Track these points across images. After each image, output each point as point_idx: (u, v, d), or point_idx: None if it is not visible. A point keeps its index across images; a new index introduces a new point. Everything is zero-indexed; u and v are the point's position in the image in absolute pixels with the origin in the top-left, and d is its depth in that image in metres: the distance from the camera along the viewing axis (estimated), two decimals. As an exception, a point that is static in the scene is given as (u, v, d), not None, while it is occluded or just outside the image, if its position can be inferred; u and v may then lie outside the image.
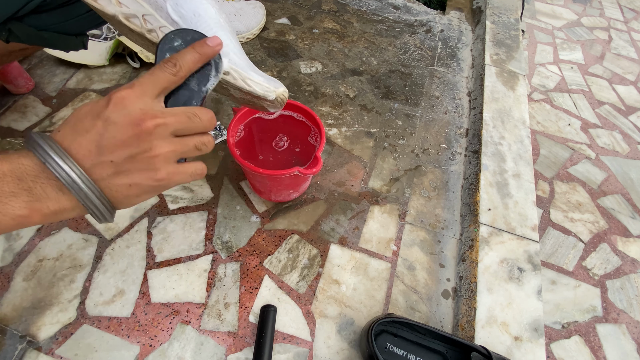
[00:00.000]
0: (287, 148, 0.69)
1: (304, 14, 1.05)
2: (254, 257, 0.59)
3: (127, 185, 0.27)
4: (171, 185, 0.29)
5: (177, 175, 0.29)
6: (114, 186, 0.27)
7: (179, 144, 0.29)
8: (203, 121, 0.30)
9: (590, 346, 0.63)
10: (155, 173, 0.27)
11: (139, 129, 0.26)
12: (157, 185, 0.28)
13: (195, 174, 0.31)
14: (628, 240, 0.77)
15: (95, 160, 0.26)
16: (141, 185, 0.27)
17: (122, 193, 0.27)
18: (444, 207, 0.69)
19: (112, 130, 0.26)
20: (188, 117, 0.29)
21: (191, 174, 0.31)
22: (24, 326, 0.50)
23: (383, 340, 0.50)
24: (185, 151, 0.29)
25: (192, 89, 0.32)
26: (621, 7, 1.49)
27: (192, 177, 0.31)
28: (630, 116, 1.04)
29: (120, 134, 0.26)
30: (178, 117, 0.28)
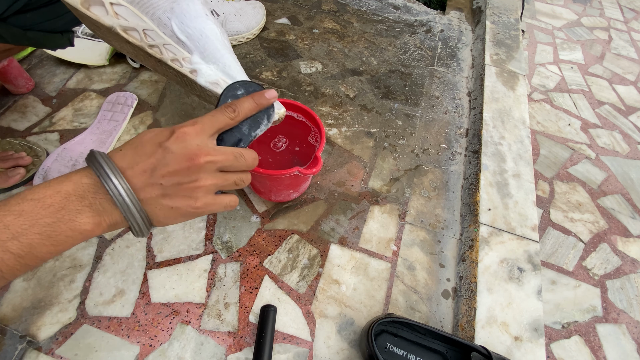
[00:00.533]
0: (286, 148, 0.69)
1: (304, 14, 1.05)
2: (254, 257, 0.59)
3: (169, 208, 0.30)
4: (205, 213, 0.33)
5: (212, 206, 0.33)
6: (159, 205, 0.30)
7: (221, 178, 0.32)
8: (247, 161, 0.34)
9: (590, 346, 0.63)
10: (195, 202, 0.31)
11: (192, 162, 0.30)
12: (193, 212, 0.32)
13: (229, 206, 0.34)
14: (628, 240, 0.77)
15: (148, 180, 0.29)
16: (180, 210, 0.31)
17: (163, 213, 0.31)
18: (444, 207, 0.69)
19: (169, 159, 0.29)
20: (235, 157, 0.33)
21: (224, 206, 0.34)
22: (24, 326, 0.50)
23: (383, 340, 0.50)
24: (225, 185, 0.33)
25: (244, 132, 0.36)
26: (621, 7, 1.49)
27: (225, 208, 0.34)
28: (630, 116, 1.04)
29: (175, 163, 0.29)
30: (227, 156, 0.32)
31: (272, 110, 0.38)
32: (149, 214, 0.30)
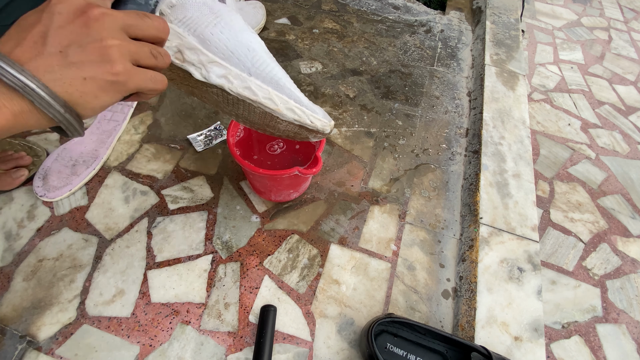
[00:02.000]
0: (286, 149, 0.69)
1: (304, 14, 1.05)
2: (254, 257, 0.59)
3: (81, 79, 0.25)
4: (130, 84, 0.27)
5: (136, 75, 0.27)
6: (67, 79, 0.24)
7: (132, 43, 0.27)
8: (154, 23, 0.28)
9: (590, 346, 0.63)
10: (111, 66, 0.25)
11: (86, 16, 0.25)
12: (114, 81, 0.26)
13: (156, 80, 0.29)
14: (628, 240, 0.77)
15: (41, 50, 0.24)
16: (97, 80, 0.25)
17: (77, 88, 0.25)
18: (444, 207, 0.69)
19: (57, 20, 0.24)
20: (138, 15, 0.27)
21: (151, 78, 0.28)
22: (24, 326, 0.50)
23: (383, 340, 0.50)
24: (139, 52, 0.27)
25: (139, 2, 0.30)
26: (621, 7, 1.49)
27: (153, 83, 0.28)
28: (630, 116, 1.04)
29: (66, 22, 0.25)
30: (127, 13, 0.27)
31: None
32: (62, 95, 0.25)
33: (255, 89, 0.38)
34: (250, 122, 0.44)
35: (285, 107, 0.40)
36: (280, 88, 0.40)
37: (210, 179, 0.67)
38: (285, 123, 0.41)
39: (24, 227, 0.58)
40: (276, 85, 0.39)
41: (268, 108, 0.39)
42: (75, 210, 0.61)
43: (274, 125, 0.42)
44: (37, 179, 0.61)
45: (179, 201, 0.63)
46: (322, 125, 0.42)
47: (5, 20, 0.45)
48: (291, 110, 0.40)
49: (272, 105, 0.39)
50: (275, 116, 0.40)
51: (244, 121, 0.44)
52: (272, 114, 0.40)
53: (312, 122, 0.41)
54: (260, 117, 0.41)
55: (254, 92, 0.38)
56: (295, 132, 0.44)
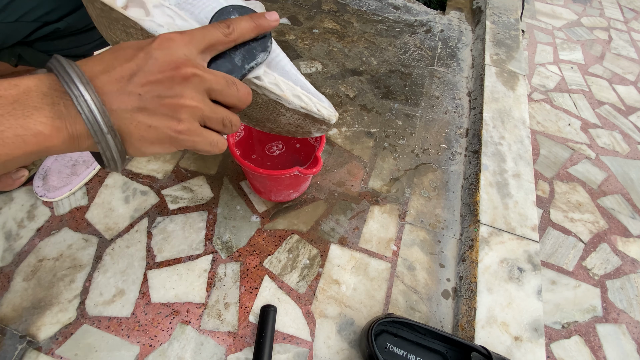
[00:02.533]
0: (286, 150, 0.69)
1: (304, 14, 1.05)
2: (254, 257, 0.59)
3: (146, 126, 0.26)
4: (187, 143, 0.27)
5: (196, 136, 0.28)
6: (134, 122, 0.25)
7: (209, 106, 0.27)
8: (240, 92, 0.29)
9: (590, 346, 0.63)
10: (178, 123, 0.26)
11: (177, 71, 0.26)
12: (174, 137, 0.27)
13: (215, 145, 0.29)
14: (628, 240, 0.77)
15: (124, 88, 0.25)
16: (159, 131, 0.26)
17: (139, 132, 0.26)
18: (444, 207, 0.69)
19: (150, 65, 0.25)
20: (226, 82, 0.28)
21: (211, 143, 0.29)
22: (24, 326, 0.50)
23: (383, 340, 0.50)
24: (212, 118, 0.28)
25: (236, 63, 0.31)
26: (621, 7, 1.49)
27: (211, 147, 0.29)
28: (630, 116, 1.04)
29: (158, 69, 0.25)
30: (217, 78, 0.27)
31: (270, 41, 0.33)
32: (122, 131, 0.25)
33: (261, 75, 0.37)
34: (250, 117, 0.43)
35: (292, 93, 0.39)
36: (286, 74, 0.39)
37: (210, 179, 0.67)
38: (289, 114, 0.40)
39: (24, 227, 0.58)
40: (282, 71, 0.38)
41: (274, 94, 0.38)
42: (75, 210, 0.61)
43: (275, 118, 0.41)
44: (37, 179, 0.61)
45: (179, 201, 0.63)
46: (328, 114, 0.42)
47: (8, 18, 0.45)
48: (298, 97, 0.39)
49: (278, 91, 0.38)
50: (279, 107, 0.39)
51: (242, 116, 0.44)
52: (278, 101, 0.39)
53: (318, 109, 0.40)
54: (262, 109, 0.40)
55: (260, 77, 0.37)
56: (298, 126, 0.43)
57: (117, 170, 0.28)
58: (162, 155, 0.69)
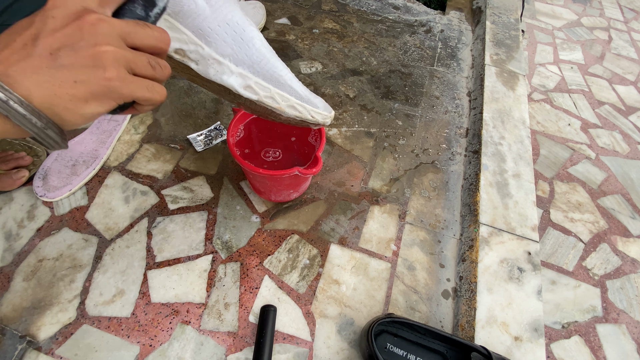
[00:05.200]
0: (286, 148, 0.69)
1: (304, 14, 1.05)
2: (254, 257, 0.59)
3: (71, 82, 0.23)
4: (124, 91, 0.25)
5: (130, 82, 0.25)
6: (57, 81, 0.23)
7: (129, 51, 0.25)
8: (154, 33, 0.26)
9: (590, 346, 0.63)
10: (104, 71, 0.24)
11: (82, 20, 0.23)
12: (106, 87, 0.24)
13: (153, 89, 0.27)
14: (628, 240, 0.77)
15: (30, 52, 0.22)
16: (88, 84, 0.23)
17: (66, 91, 0.23)
18: (444, 207, 0.69)
19: (50, 23, 0.23)
20: (136, 23, 0.26)
21: (147, 87, 0.26)
22: (24, 326, 0.50)
23: (383, 340, 0.50)
24: (137, 62, 0.25)
25: (139, 14, 0.28)
26: (621, 7, 1.49)
27: (150, 92, 0.27)
28: (630, 116, 1.04)
29: (61, 25, 0.23)
30: (125, 21, 0.25)
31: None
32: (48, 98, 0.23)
33: (256, 88, 0.38)
34: (253, 110, 0.44)
35: (287, 104, 0.40)
36: (282, 85, 0.40)
37: (210, 179, 0.67)
38: (286, 116, 0.42)
39: (24, 227, 0.58)
40: (277, 83, 0.39)
41: (269, 106, 0.39)
42: (75, 210, 0.61)
43: (276, 115, 0.43)
44: (37, 179, 0.61)
45: (179, 201, 0.63)
46: (322, 118, 0.44)
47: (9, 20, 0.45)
48: (292, 107, 0.40)
49: (274, 104, 0.39)
50: (277, 112, 0.41)
51: (246, 109, 0.45)
52: (274, 111, 0.40)
53: (312, 116, 0.42)
54: (263, 109, 0.42)
55: (255, 91, 0.38)
56: (297, 123, 0.45)
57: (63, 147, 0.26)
58: (162, 155, 0.69)
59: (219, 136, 0.72)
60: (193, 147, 0.71)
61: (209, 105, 0.78)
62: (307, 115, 0.42)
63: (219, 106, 0.79)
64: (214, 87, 0.40)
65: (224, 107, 0.78)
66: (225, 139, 0.72)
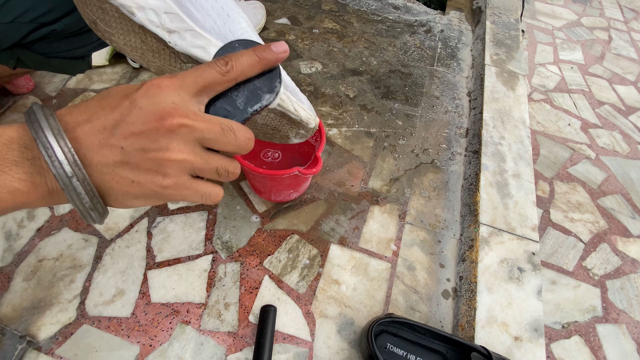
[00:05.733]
0: (286, 148, 0.69)
1: (304, 14, 1.05)
2: (254, 257, 0.59)
3: (129, 181, 0.24)
4: (176, 198, 0.25)
5: (185, 190, 0.25)
6: (116, 177, 0.23)
7: (200, 157, 0.25)
8: (238, 139, 0.26)
9: (590, 346, 0.63)
10: (163, 178, 0.24)
11: (163, 122, 0.23)
12: (160, 193, 0.24)
13: (208, 197, 0.27)
14: (628, 240, 0.77)
15: (105, 140, 0.23)
16: (143, 186, 0.24)
17: (121, 187, 0.24)
18: (444, 207, 0.69)
19: (134, 115, 0.23)
20: (222, 129, 0.25)
21: (203, 195, 0.26)
22: (24, 326, 0.50)
23: (383, 340, 0.50)
24: (203, 169, 0.25)
25: (237, 106, 0.27)
26: (621, 7, 1.49)
27: (203, 199, 0.26)
28: (630, 116, 1.04)
29: (142, 121, 0.23)
30: (210, 125, 0.24)
31: (278, 80, 0.28)
32: (103, 186, 0.23)
33: None
34: None
35: None
36: None
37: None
38: (265, 112, 0.37)
39: (24, 227, 0.58)
40: None
41: None
42: (75, 210, 0.61)
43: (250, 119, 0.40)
44: (37, 179, 0.61)
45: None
46: (306, 116, 0.38)
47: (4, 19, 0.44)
48: None
49: None
50: None
51: None
52: None
53: (295, 109, 0.37)
54: None
55: None
56: (274, 128, 0.39)
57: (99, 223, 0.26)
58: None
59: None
60: (193, 147, 0.71)
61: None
62: (289, 107, 0.36)
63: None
64: None
65: (224, 107, 0.78)
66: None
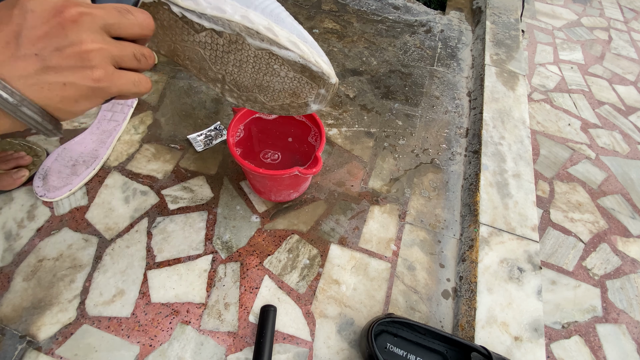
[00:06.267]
0: (286, 148, 0.69)
1: (304, 14, 1.05)
2: (254, 257, 0.59)
3: (60, 84, 0.23)
4: (112, 89, 0.25)
5: (118, 79, 0.25)
6: (46, 84, 0.23)
7: (114, 44, 0.25)
8: (138, 18, 0.26)
9: (590, 346, 0.63)
10: (92, 71, 0.23)
11: (62, 16, 0.23)
12: (95, 87, 0.24)
13: (139, 84, 0.27)
14: (628, 240, 0.77)
15: (14, 52, 0.22)
16: (77, 86, 0.24)
17: (56, 94, 0.23)
18: (444, 207, 0.69)
19: (30, 19, 0.22)
20: (118, 11, 0.25)
21: (134, 82, 0.26)
22: (24, 326, 0.50)
23: (383, 340, 0.50)
24: (123, 56, 0.25)
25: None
26: (621, 7, 1.49)
27: (136, 87, 0.26)
28: (630, 116, 1.04)
29: (41, 21, 0.22)
30: (107, 10, 0.24)
31: None
32: (38, 99, 0.23)
33: (253, 18, 0.34)
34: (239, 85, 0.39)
35: (287, 39, 0.34)
36: (282, 21, 0.35)
37: (210, 179, 0.67)
38: (284, 72, 0.36)
39: (24, 227, 0.58)
40: (277, 18, 0.35)
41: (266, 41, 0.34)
42: (75, 210, 0.61)
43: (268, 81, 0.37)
44: (37, 179, 0.61)
45: (179, 201, 0.63)
46: (328, 69, 0.37)
47: None
48: (294, 43, 0.35)
49: (272, 36, 0.34)
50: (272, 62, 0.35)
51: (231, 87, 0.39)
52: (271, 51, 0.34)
53: (317, 61, 0.36)
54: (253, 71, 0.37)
55: (252, 20, 0.33)
56: (293, 93, 0.38)
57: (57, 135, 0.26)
58: (162, 155, 0.69)
59: (219, 136, 0.72)
60: (193, 147, 0.71)
61: (209, 105, 0.78)
62: (311, 58, 0.35)
63: (219, 106, 0.79)
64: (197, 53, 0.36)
65: (224, 107, 0.78)
66: (225, 139, 0.72)
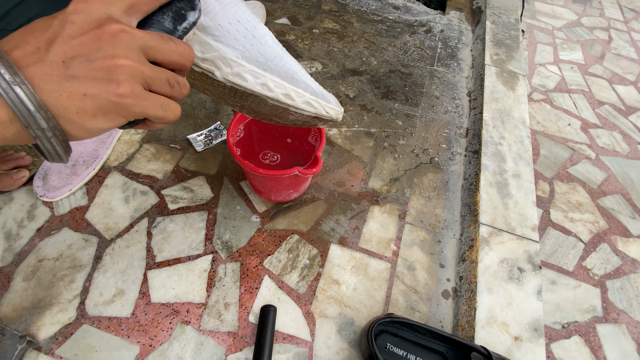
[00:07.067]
0: (286, 148, 0.69)
1: (304, 14, 1.05)
2: (254, 257, 0.59)
3: (81, 94, 0.22)
4: (136, 108, 0.24)
5: (144, 99, 0.24)
6: (65, 92, 0.21)
7: (148, 66, 0.24)
8: (178, 48, 0.25)
9: (590, 346, 0.63)
10: (117, 86, 0.22)
11: (102, 29, 0.22)
12: (117, 102, 0.23)
13: (168, 108, 0.25)
14: (628, 240, 0.77)
15: (43, 58, 0.21)
16: (98, 98, 0.22)
17: (74, 103, 0.22)
18: (444, 207, 0.69)
19: (69, 29, 0.22)
20: (161, 37, 0.24)
21: (162, 105, 0.25)
22: (24, 326, 0.50)
23: (383, 340, 0.50)
24: (155, 79, 0.24)
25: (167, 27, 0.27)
26: (621, 7, 1.49)
27: (164, 110, 0.25)
28: (630, 116, 1.04)
29: (79, 32, 0.22)
30: (149, 34, 0.24)
31: None
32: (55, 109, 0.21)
33: (272, 86, 0.37)
34: (257, 112, 0.43)
35: (303, 101, 0.39)
36: (296, 82, 0.39)
37: (210, 179, 0.67)
38: (297, 114, 0.41)
39: (24, 227, 0.58)
40: (292, 80, 0.39)
41: (284, 104, 0.38)
42: (75, 210, 0.61)
43: (283, 116, 0.42)
44: (37, 179, 0.61)
45: (179, 201, 0.63)
46: (335, 114, 0.43)
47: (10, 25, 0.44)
48: (308, 103, 0.40)
49: (290, 102, 0.38)
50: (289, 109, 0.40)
51: (249, 112, 0.43)
52: (288, 108, 0.39)
53: (327, 112, 0.42)
54: (271, 110, 0.41)
55: (271, 88, 0.37)
56: (304, 121, 0.43)
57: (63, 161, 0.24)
58: (162, 155, 0.69)
59: (219, 136, 0.72)
60: (193, 147, 0.71)
61: (209, 105, 0.78)
62: (322, 111, 0.41)
63: (219, 106, 0.79)
64: (215, 91, 0.40)
65: (224, 107, 0.78)
66: (225, 139, 0.72)
